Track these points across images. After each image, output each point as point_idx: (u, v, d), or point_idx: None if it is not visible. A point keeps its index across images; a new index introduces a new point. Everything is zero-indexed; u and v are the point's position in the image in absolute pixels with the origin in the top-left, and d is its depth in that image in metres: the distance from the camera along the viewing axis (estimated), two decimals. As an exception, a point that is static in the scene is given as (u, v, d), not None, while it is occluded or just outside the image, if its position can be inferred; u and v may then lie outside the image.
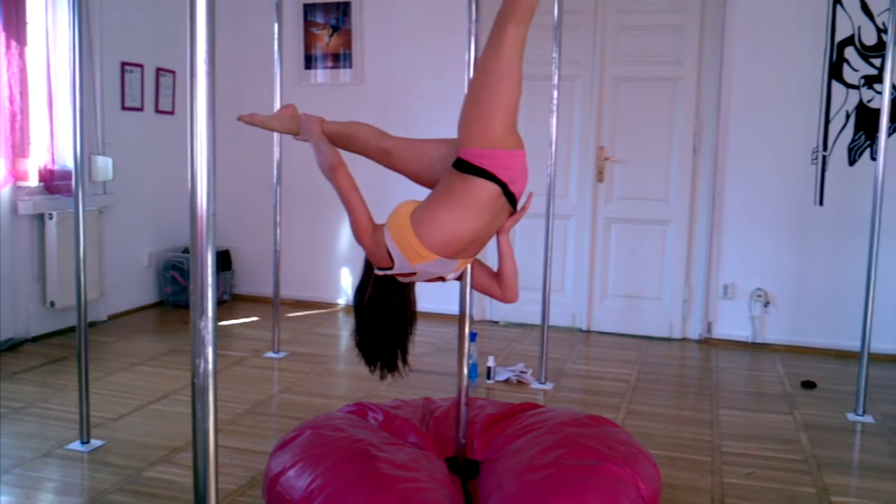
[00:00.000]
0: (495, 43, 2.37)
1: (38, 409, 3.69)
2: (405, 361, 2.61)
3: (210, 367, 1.45)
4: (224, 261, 6.09)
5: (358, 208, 2.44)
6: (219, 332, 1.42)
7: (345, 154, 2.57)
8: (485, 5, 2.75)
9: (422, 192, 2.57)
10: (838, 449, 3.46)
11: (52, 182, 4.90)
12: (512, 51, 2.36)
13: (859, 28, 4.84)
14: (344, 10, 5.82)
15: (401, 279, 2.50)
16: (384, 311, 2.55)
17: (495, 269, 2.70)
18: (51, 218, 4.82)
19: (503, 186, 2.38)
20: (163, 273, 5.93)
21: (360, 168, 2.62)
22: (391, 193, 3.21)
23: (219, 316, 1.49)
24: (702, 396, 4.16)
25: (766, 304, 5.12)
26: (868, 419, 3.81)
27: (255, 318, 5.63)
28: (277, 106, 4.50)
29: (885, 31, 4.65)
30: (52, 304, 4.87)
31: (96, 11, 5.13)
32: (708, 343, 5.25)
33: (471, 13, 2.69)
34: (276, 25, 4.52)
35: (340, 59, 5.88)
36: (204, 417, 1.47)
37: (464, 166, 2.39)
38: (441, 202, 2.40)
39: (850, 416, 3.85)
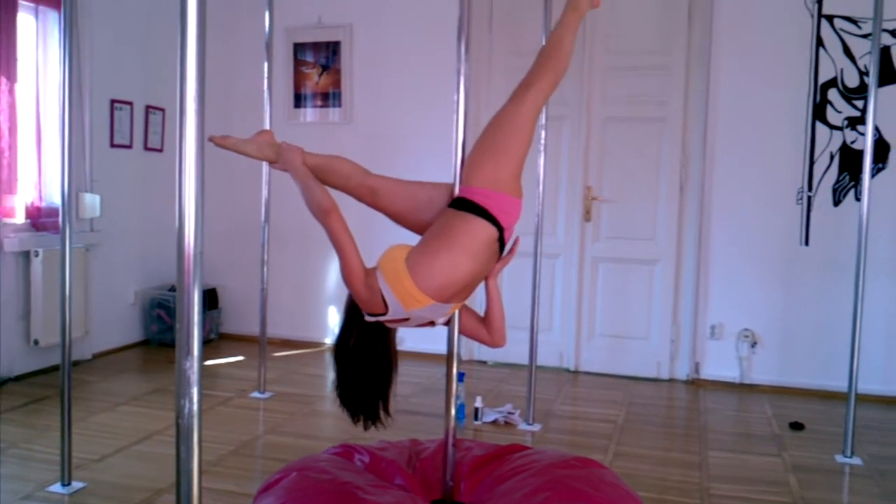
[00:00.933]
0: (517, 100, 2.52)
1: (19, 451, 3.63)
2: (387, 411, 2.58)
3: (195, 407, 1.43)
4: (211, 299, 6.06)
5: (351, 253, 2.38)
6: (204, 372, 1.41)
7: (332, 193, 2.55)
8: (474, 48, 2.78)
9: (407, 235, 2.57)
10: (827, 491, 3.45)
11: (39, 219, 4.88)
12: (530, 110, 2.51)
13: (842, 70, 4.92)
14: (334, 50, 5.87)
15: (391, 325, 2.48)
16: (368, 361, 2.50)
17: (481, 313, 2.70)
18: (36, 255, 4.79)
19: (500, 231, 2.41)
20: (149, 311, 5.89)
21: (348, 210, 2.58)
22: (379, 236, 3.20)
23: (205, 355, 1.48)
24: (690, 438, 4.15)
25: (754, 345, 5.12)
26: (856, 461, 3.80)
27: (241, 358, 5.59)
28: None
29: (867, 74, 4.72)
30: (36, 342, 4.82)
31: (87, 49, 5.15)
32: (696, 384, 5.24)
33: (460, 54, 2.72)
34: (266, 64, 4.55)
35: (329, 97, 5.92)
36: (188, 459, 1.45)
37: (465, 204, 2.40)
38: (439, 246, 2.39)
39: (839, 458, 3.83)
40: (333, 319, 5.98)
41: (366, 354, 2.49)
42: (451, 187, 2.58)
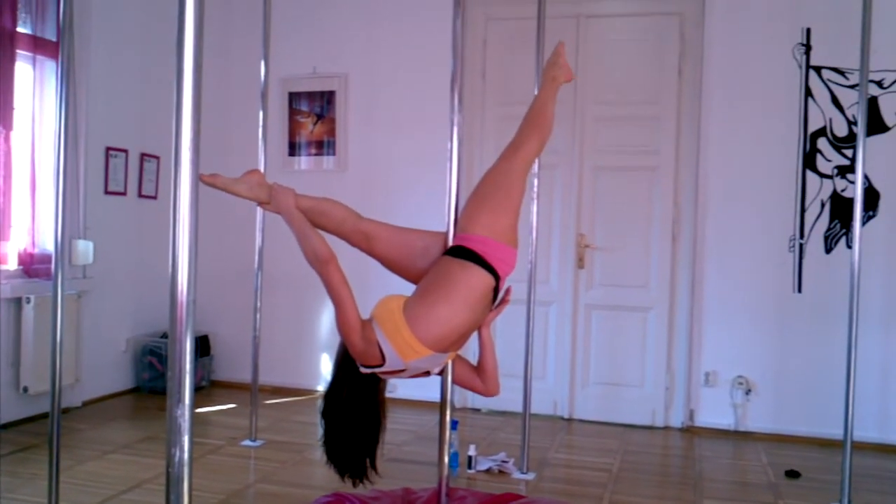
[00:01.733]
0: (508, 158, 2.63)
1: (5, 501, 3.58)
2: (375, 469, 2.55)
3: (185, 456, 1.42)
4: (203, 346, 6.03)
5: (348, 305, 2.35)
6: (195, 420, 1.39)
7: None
8: (467, 97, 2.82)
9: (401, 281, 2.57)
10: (825, 541, 3.41)
11: (32, 265, 4.87)
12: (521, 166, 2.63)
13: (830, 120, 4.98)
14: (328, 99, 5.93)
15: (386, 377, 2.47)
16: (359, 416, 2.47)
17: (473, 362, 2.71)
18: (28, 302, 4.77)
19: (497, 280, 2.43)
20: (140, 358, 5.85)
21: (340, 255, 2.56)
22: (375, 283, 3.19)
23: (196, 402, 1.47)
24: (685, 486, 4.11)
25: (748, 392, 5.10)
26: (853, 510, 3.77)
27: (232, 405, 5.54)
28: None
29: (855, 124, 4.78)
30: (26, 389, 4.77)
31: (83, 97, 5.20)
32: (690, 431, 5.21)
33: (453, 104, 2.75)
34: (261, 113, 4.59)
35: (324, 146, 5.96)
36: (178, 508, 1.43)
37: (463, 252, 2.41)
38: (437, 295, 2.39)
39: (836, 507, 3.81)
40: (326, 367, 5.95)
41: (357, 408, 2.46)
42: (447, 236, 2.60)
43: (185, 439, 1.41)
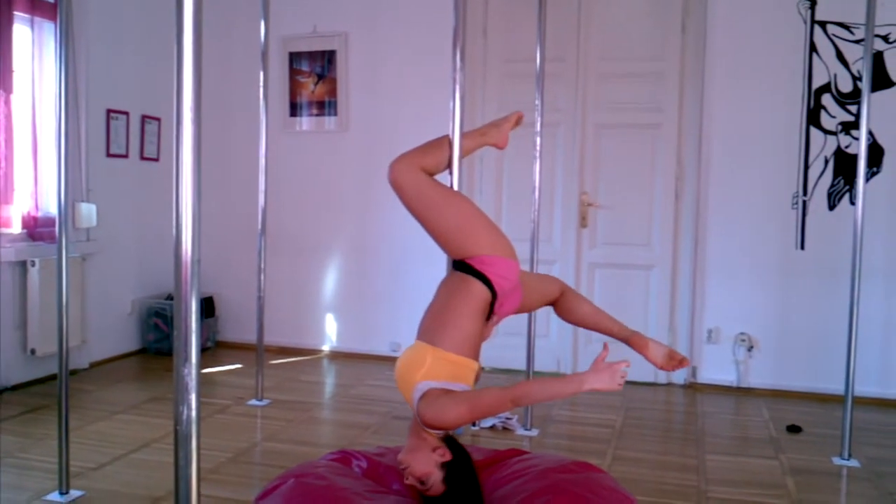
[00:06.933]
0: (427, 210, 2.60)
1: (16, 460, 3.63)
2: None
3: (193, 414, 1.44)
4: (208, 307, 6.06)
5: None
6: (201, 380, 1.41)
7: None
8: (468, 55, 2.79)
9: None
10: (825, 493, 3.46)
11: (36, 229, 4.89)
12: (426, 191, 2.58)
13: (835, 76, 4.94)
14: (329, 59, 5.88)
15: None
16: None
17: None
18: (33, 265, 4.79)
19: (494, 296, 2.51)
20: (146, 320, 5.88)
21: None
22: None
23: (202, 363, 1.48)
24: (688, 442, 4.15)
25: (750, 349, 5.13)
26: (854, 463, 3.81)
27: (238, 366, 5.59)
28: (262, 152, 4.50)
29: (860, 79, 4.74)
30: (33, 351, 4.81)
31: (83, 59, 5.16)
32: (693, 388, 5.25)
33: (455, 63, 2.74)
34: (261, 73, 4.57)
35: (325, 106, 5.92)
36: (187, 465, 1.45)
37: (464, 267, 2.52)
38: (454, 310, 2.48)
39: (836, 461, 3.84)
40: (330, 327, 5.98)
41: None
42: None
43: (193, 397, 1.43)
